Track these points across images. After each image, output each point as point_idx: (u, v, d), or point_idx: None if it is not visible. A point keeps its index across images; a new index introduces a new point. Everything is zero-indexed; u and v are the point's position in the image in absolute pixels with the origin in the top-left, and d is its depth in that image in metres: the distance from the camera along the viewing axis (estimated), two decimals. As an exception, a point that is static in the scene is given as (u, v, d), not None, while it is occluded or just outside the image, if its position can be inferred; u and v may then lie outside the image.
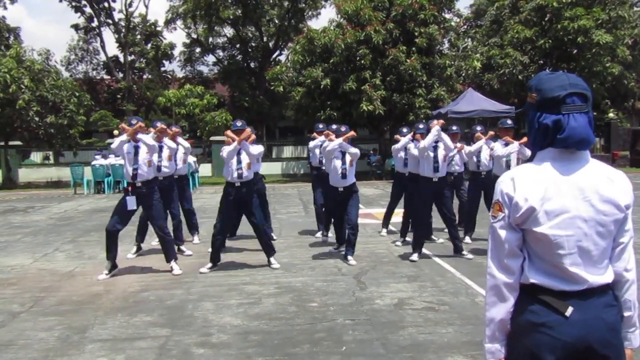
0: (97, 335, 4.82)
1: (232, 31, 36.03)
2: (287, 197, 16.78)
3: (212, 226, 7.42)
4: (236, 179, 7.08)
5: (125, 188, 7.02)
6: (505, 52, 24.54)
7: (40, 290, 6.37)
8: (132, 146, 6.91)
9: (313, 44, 22.40)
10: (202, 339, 4.67)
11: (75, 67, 39.89)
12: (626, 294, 1.93)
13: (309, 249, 8.46)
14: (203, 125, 24.90)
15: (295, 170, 26.86)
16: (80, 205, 15.76)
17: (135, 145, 6.91)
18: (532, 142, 1.95)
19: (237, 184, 7.10)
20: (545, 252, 1.85)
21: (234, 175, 7.08)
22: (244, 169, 7.08)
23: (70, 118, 23.11)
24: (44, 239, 10.04)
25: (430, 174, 7.45)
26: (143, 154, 6.90)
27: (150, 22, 38.97)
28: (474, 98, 20.42)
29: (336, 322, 5.03)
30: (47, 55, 25.24)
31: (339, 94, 21.73)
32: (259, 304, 5.63)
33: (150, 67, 38.78)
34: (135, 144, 6.91)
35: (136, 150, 6.89)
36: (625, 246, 1.91)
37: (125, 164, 6.99)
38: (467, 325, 4.85)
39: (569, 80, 1.86)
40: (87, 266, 7.64)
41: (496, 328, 1.93)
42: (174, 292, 6.15)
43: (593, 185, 1.84)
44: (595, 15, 23.27)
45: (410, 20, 21.76)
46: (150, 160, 6.98)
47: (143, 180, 6.90)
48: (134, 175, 6.86)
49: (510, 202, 1.88)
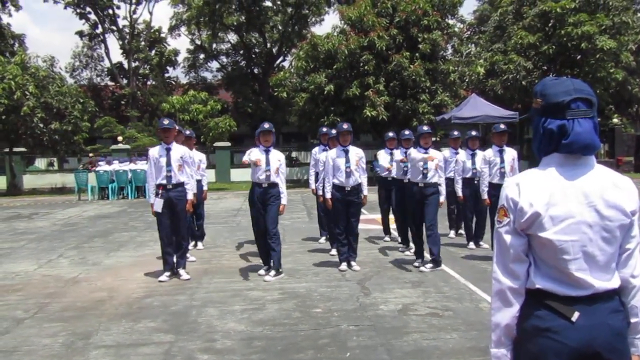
0: (102, 342, 4.81)
1: (236, 37, 36.22)
2: (290, 203, 16.74)
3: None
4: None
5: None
6: (509, 58, 24.56)
7: (45, 297, 6.37)
8: (164, 149, 6.95)
9: (316, 50, 22.47)
10: (206, 345, 4.67)
11: (79, 74, 40.15)
12: (633, 300, 1.91)
13: (312, 255, 8.45)
14: (207, 131, 24.96)
15: (299, 175, 26.86)
16: (84, 212, 15.80)
17: (167, 147, 6.95)
18: (537, 148, 1.95)
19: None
20: (550, 257, 1.85)
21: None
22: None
23: (75, 124, 23.18)
24: (48, 245, 10.05)
25: (417, 179, 7.30)
26: (175, 157, 6.93)
27: (154, 29, 39.19)
28: (477, 104, 20.41)
29: (340, 327, 5.02)
30: (51, 62, 25.30)
31: (343, 100, 21.77)
32: (262, 310, 5.62)
33: (154, 74, 38.94)
34: (167, 146, 6.95)
35: (168, 152, 6.92)
36: (631, 252, 1.90)
37: (152, 166, 6.97)
38: (471, 331, 4.83)
39: (573, 85, 1.86)
40: (91, 272, 7.65)
41: (502, 333, 1.93)
42: (177, 298, 6.15)
43: (598, 190, 1.84)
44: (599, 21, 23.28)
45: (413, 26, 21.81)
46: (181, 165, 7.00)
47: (175, 183, 6.93)
48: (168, 177, 6.89)
49: (515, 207, 1.88)
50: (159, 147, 7.09)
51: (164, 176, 6.91)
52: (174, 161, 6.93)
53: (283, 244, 9.34)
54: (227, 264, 7.94)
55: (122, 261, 8.34)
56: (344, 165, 7.25)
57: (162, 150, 6.99)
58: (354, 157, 7.32)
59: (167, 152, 6.96)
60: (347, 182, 7.25)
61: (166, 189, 6.92)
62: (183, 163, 7.04)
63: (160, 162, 6.94)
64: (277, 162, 7.00)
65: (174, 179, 6.93)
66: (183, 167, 7.04)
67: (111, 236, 10.86)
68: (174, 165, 6.92)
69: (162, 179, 6.92)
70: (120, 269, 7.72)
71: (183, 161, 7.04)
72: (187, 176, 7.09)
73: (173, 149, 7.00)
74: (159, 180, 6.94)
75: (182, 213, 7.05)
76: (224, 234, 10.58)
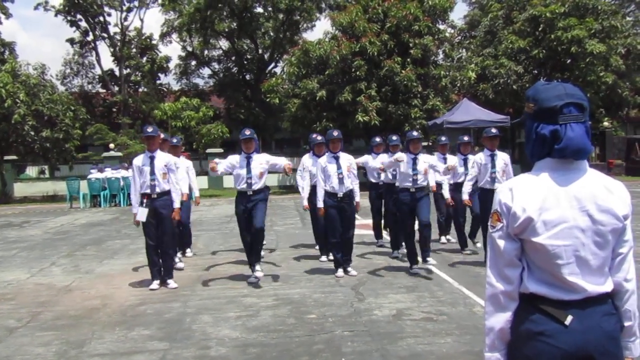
0: (95, 350, 4.79)
1: (228, 44, 36.21)
2: (284, 209, 16.76)
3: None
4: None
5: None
6: (500, 62, 24.72)
7: (37, 305, 6.33)
8: (147, 157, 6.84)
9: (308, 56, 22.52)
10: (200, 352, 4.65)
11: (70, 81, 39.95)
12: (626, 304, 1.93)
13: (306, 261, 8.44)
14: (199, 137, 24.94)
15: (292, 181, 26.82)
16: (76, 219, 15.72)
17: (151, 155, 6.83)
18: (530, 152, 1.96)
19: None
20: (543, 261, 1.86)
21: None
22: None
23: (66, 132, 23.11)
24: (40, 253, 9.99)
25: (408, 185, 7.29)
26: (160, 165, 6.81)
27: (146, 36, 39.10)
28: (469, 108, 20.50)
29: (335, 333, 5.02)
30: (42, 69, 25.24)
31: (335, 106, 21.81)
32: (257, 316, 5.61)
33: (146, 81, 38.82)
34: (151, 154, 6.84)
35: (152, 161, 6.81)
36: (624, 257, 1.92)
37: (137, 175, 6.86)
38: (465, 335, 4.84)
39: (565, 90, 1.87)
40: (84, 280, 7.61)
41: (496, 337, 1.93)
42: (171, 306, 6.12)
43: (591, 195, 1.85)
44: (589, 25, 23.51)
45: (404, 32, 21.90)
46: (166, 173, 6.86)
47: (159, 192, 6.82)
48: (152, 186, 6.77)
49: (508, 212, 1.88)
50: (143, 155, 6.96)
51: (148, 185, 6.80)
52: (158, 169, 6.81)
53: (277, 250, 9.36)
54: (221, 271, 7.91)
55: (115, 269, 8.30)
56: (335, 171, 7.19)
57: (145, 159, 6.87)
58: (345, 163, 7.27)
59: (151, 161, 6.83)
60: (341, 189, 7.18)
61: (151, 198, 6.81)
62: (168, 171, 6.91)
63: (144, 171, 6.83)
64: (260, 166, 6.94)
65: (158, 188, 6.82)
66: (168, 176, 6.91)
67: (104, 244, 10.81)
68: (158, 174, 6.80)
69: (146, 188, 6.81)
70: (114, 277, 7.69)
71: (168, 169, 6.91)
72: (172, 185, 6.96)
73: (157, 157, 6.88)
74: (143, 189, 6.83)
75: (167, 222, 6.91)
76: (218, 241, 10.56)
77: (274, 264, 8.18)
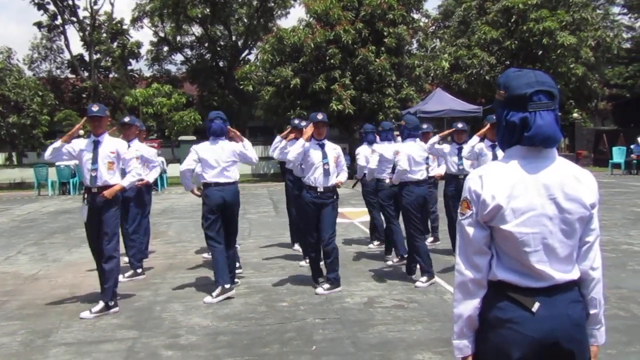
0: (62, 339, 4.71)
1: (201, 30, 35.70)
2: (257, 197, 16.69)
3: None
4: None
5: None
6: (473, 53, 24.93)
7: (3, 294, 6.20)
8: (91, 141, 5.52)
9: (282, 44, 22.35)
10: (170, 341, 4.61)
11: (38, 66, 38.86)
12: (592, 292, 1.95)
13: (279, 249, 8.42)
14: (171, 125, 24.63)
15: (265, 170, 26.73)
16: (44, 207, 15.42)
17: (95, 140, 5.51)
18: (500, 140, 1.96)
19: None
20: (512, 249, 1.87)
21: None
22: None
23: (34, 118, 22.66)
24: (6, 241, 9.78)
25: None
26: (105, 153, 5.48)
27: (116, 20, 38.25)
28: (442, 98, 20.65)
29: (306, 321, 5.02)
30: (8, 53, 24.67)
31: (309, 94, 21.73)
32: (228, 305, 5.57)
33: (117, 66, 38.11)
34: (95, 138, 5.52)
35: (96, 147, 5.49)
36: (591, 245, 1.94)
37: (80, 164, 5.57)
38: (435, 323, 4.89)
39: (535, 77, 1.87)
40: (52, 269, 7.47)
41: (464, 324, 1.94)
42: (141, 294, 6.05)
43: (559, 183, 1.86)
44: (560, 17, 23.84)
45: (379, 20, 21.87)
46: (112, 162, 5.50)
47: (101, 185, 5.43)
48: (93, 177, 5.42)
49: (478, 200, 1.88)
50: (87, 139, 5.62)
51: (89, 177, 5.44)
52: (102, 158, 5.43)
53: (249, 238, 9.31)
54: (192, 259, 7.85)
55: (83, 257, 8.15)
56: (320, 160, 6.02)
57: (88, 144, 5.52)
58: (331, 153, 6.12)
59: (94, 147, 5.47)
60: (326, 182, 6.02)
61: (91, 192, 5.46)
62: (116, 160, 5.55)
63: (84, 158, 5.49)
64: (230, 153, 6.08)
65: (99, 180, 5.40)
66: (115, 166, 5.54)
67: (72, 232, 10.62)
68: (101, 163, 5.41)
69: (87, 180, 5.49)
70: (82, 265, 7.55)
71: (118, 158, 5.56)
72: (118, 177, 5.56)
73: (103, 143, 5.50)
74: (85, 181, 5.54)
75: (108, 222, 5.42)
76: (190, 229, 10.45)
77: (246, 252, 8.13)
